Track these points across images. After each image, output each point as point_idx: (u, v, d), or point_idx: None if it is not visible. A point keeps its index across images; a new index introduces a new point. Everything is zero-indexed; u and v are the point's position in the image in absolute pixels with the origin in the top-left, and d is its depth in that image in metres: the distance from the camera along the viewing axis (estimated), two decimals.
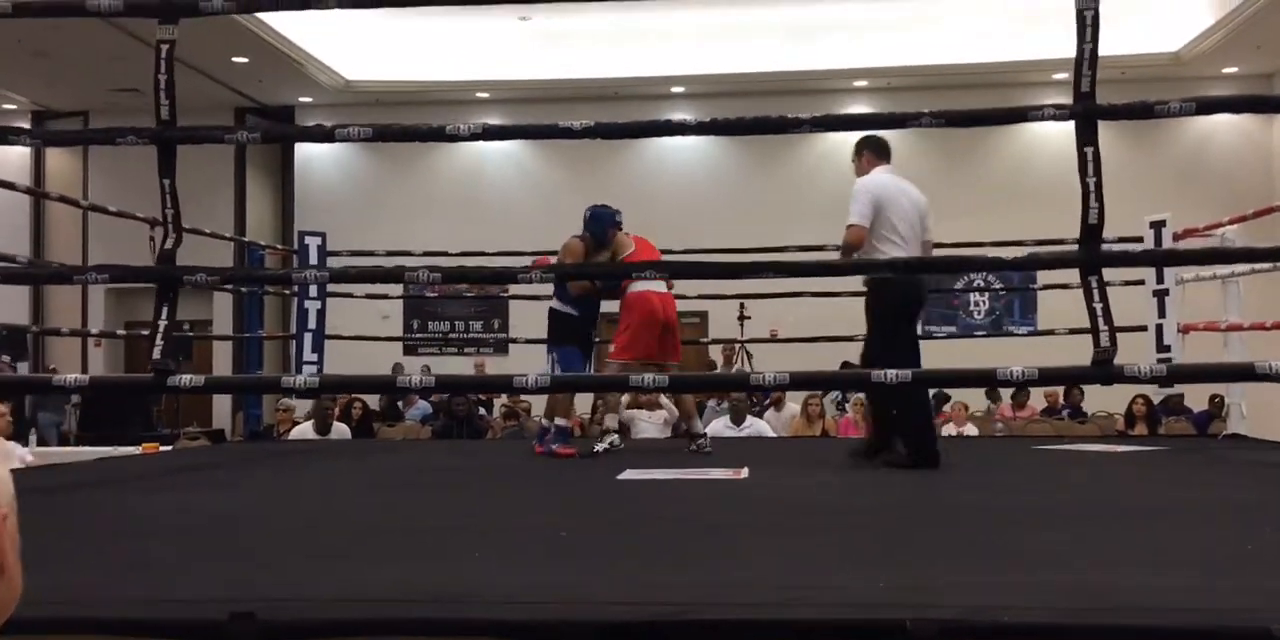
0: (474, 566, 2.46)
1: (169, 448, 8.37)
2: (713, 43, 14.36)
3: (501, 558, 2.59)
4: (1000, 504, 3.57)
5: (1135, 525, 3.04)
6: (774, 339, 10.71)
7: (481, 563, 2.51)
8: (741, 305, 10.77)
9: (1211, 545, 2.67)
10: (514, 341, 11.21)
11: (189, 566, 2.50)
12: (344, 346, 8.21)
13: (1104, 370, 2.95)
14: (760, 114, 3.72)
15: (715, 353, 12.70)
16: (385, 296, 9.39)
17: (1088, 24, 3.05)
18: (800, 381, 3.72)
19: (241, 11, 3.76)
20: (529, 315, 11.28)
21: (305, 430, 8.37)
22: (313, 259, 7.55)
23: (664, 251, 6.11)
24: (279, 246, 11.00)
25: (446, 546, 2.73)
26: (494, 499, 4.01)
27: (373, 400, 11.50)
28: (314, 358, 7.48)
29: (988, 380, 3.10)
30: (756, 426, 7.90)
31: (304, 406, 9.29)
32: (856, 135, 4.91)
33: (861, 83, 14.77)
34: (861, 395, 9.39)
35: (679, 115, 14.34)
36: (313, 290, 7.35)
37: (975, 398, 11.31)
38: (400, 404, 12.38)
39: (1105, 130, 3.20)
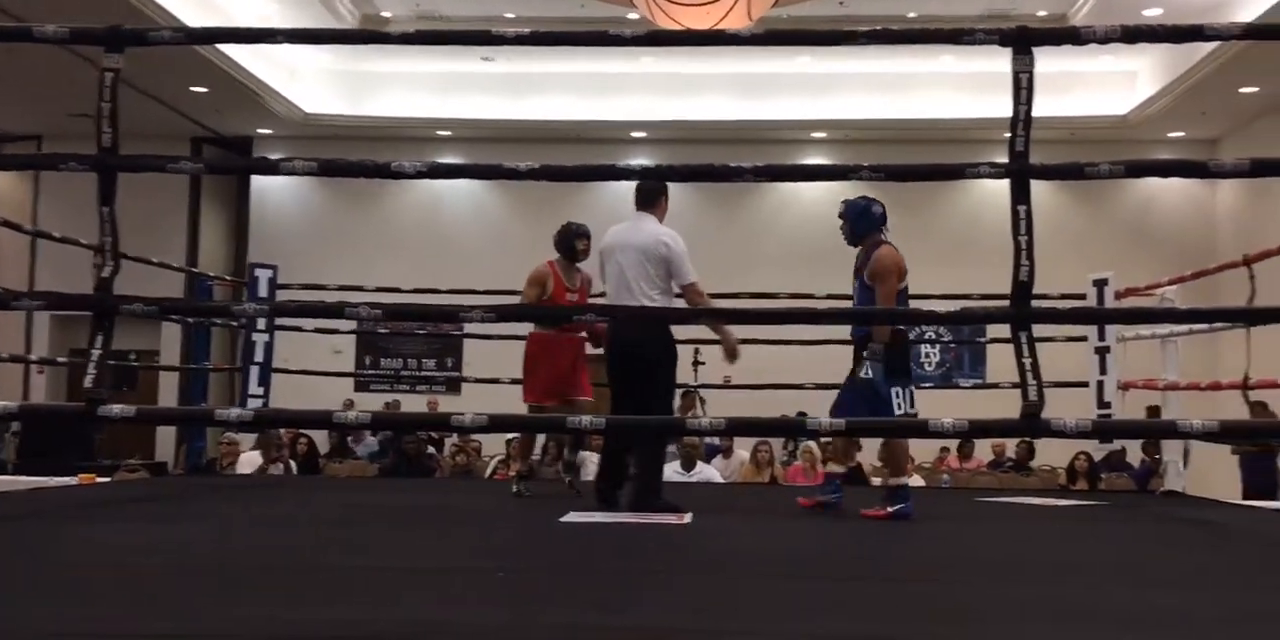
0: (413, 607, 2.45)
1: (107, 479, 8.21)
2: (676, 90, 14.52)
3: (439, 598, 2.59)
4: (950, 557, 3.60)
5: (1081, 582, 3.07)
6: (727, 385, 10.72)
7: (419, 603, 2.50)
8: (696, 350, 10.76)
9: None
10: (466, 380, 11.10)
11: (135, 601, 2.46)
12: (296, 382, 8.14)
13: (1031, 423, 3.00)
14: (717, 161, 3.77)
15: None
16: (336, 331, 9.31)
17: (1023, 87, 3.13)
18: (737, 427, 3.73)
19: (189, 43, 3.76)
20: (482, 353, 11.26)
21: (252, 459, 8.35)
22: (262, 292, 7.49)
23: None
24: (228, 278, 10.93)
25: (388, 586, 2.71)
26: (434, 538, 3.98)
27: (320, 436, 11.39)
28: (260, 391, 7.40)
29: (920, 431, 3.13)
30: (706, 473, 7.91)
31: (249, 440, 9.19)
32: (813, 186, 5.01)
33: (820, 134, 14.91)
34: (812, 444, 9.43)
35: (639, 159, 14.45)
36: (260, 323, 7.29)
37: (921, 449, 11.38)
38: (350, 440, 12.27)
39: (1056, 190, 3.30)
